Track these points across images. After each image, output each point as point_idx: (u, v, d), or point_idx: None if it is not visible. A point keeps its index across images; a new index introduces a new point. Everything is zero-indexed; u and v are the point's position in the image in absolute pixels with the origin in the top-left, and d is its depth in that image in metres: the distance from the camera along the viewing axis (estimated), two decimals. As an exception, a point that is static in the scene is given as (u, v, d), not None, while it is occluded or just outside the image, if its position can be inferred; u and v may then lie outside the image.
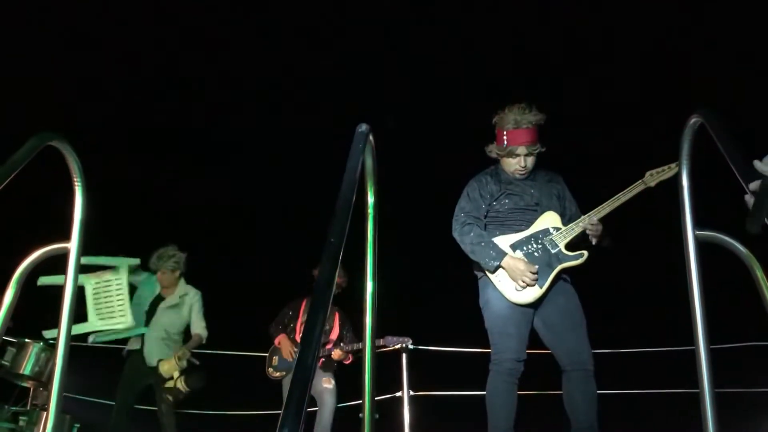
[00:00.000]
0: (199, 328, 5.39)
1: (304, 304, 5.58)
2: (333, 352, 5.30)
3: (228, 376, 7.58)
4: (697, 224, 2.27)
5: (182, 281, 5.47)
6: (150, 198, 9.66)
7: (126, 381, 5.28)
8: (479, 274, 3.79)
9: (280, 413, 1.11)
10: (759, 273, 2.25)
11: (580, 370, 3.47)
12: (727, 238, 2.22)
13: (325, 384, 5.30)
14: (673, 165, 3.51)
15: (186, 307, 5.38)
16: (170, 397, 5.03)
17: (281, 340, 5.45)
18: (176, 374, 5.05)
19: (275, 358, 5.51)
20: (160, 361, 5.13)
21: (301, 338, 1.15)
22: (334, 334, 5.46)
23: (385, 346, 5.31)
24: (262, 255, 9.81)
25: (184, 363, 5.11)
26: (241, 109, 10.17)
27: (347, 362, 5.42)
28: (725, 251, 2.32)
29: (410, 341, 5.25)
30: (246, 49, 9.68)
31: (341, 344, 5.39)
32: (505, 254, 3.60)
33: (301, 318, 5.51)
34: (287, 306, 5.65)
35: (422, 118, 9.92)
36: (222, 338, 7.39)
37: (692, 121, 2.14)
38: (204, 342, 5.43)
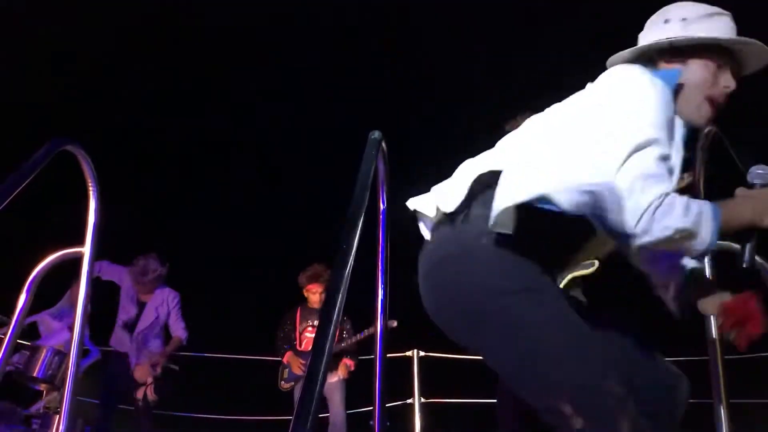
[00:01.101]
0: (179, 330, 5.36)
1: (299, 312, 5.57)
2: (339, 369, 5.29)
3: (236, 380, 7.60)
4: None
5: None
6: (151, 202, 9.70)
7: (110, 379, 5.25)
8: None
9: (291, 419, 1.11)
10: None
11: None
12: (735, 245, 2.20)
13: (330, 378, 5.25)
14: (685, 175, 3.47)
15: (164, 309, 5.36)
16: (141, 402, 5.04)
17: (289, 358, 5.45)
18: (149, 380, 5.06)
19: (285, 371, 5.51)
20: (135, 365, 5.13)
21: (313, 345, 1.16)
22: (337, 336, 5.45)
23: (371, 335, 5.22)
24: (267, 259, 9.81)
25: (158, 370, 5.10)
26: (248, 114, 10.19)
27: (351, 369, 5.39)
28: (735, 258, 2.30)
29: (395, 323, 5.14)
30: (255, 52, 9.72)
31: (343, 344, 5.35)
32: None
33: (299, 327, 5.50)
34: (285, 317, 5.63)
35: (433, 123, 9.92)
36: (232, 342, 7.41)
37: (707, 129, 2.13)
38: (184, 344, 5.40)
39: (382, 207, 2.15)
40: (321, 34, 9.87)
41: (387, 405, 2.07)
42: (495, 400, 3.62)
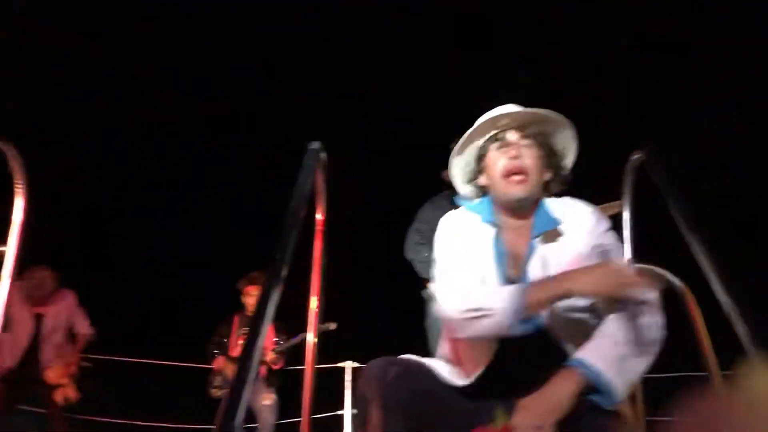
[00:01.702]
0: (83, 327, 5.25)
1: (236, 320, 5.51)
2: (267, 356, 5.22)
3: (165, 386, 7.44)
4: (637, 256, 2.34)
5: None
6: (88, 207, 9.46)
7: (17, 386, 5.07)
8: (427, 295, 3.80)
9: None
10: (692, 305, 2.33)
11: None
12: (662, 271, 2.29)
13: (265, 401, 5.22)
14: (616, 203, 3.58)
15: (64, 312, 5.23)
16: (58, 403, 4.90)
17: (222, 364, 5.37)
18: (65, 381, 4.94)
19: (217, 378, 5.42)
20: (46, 368, 4.98)
21: (241, 350, 1.16)
22: (269, 341, 5.39)
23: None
24: (206, 267, 9.67)
25: (73, 369, 4.98)
26: (185, 119, 10.05)
27: (276, 367, 5.32)
28: (661, 282, 2.40)
29: (334, 325, 5.13)
30: (200, 56, 9.62)
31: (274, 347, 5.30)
32: None
33: (235, 334, 5.44)
34: (221, 324, 5.56)
35: (377, 137, 9.98)
36: (165, 349, 7.25)
37: (635, 157, 2.21)
38: (92, 339, 5.28)
39: (319, 218, 2.16)
40: (270, 43, 9.83)
41: (318, 416, 2.07)
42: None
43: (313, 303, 2.09)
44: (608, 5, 8.66)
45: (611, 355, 1.48)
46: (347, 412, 5.62)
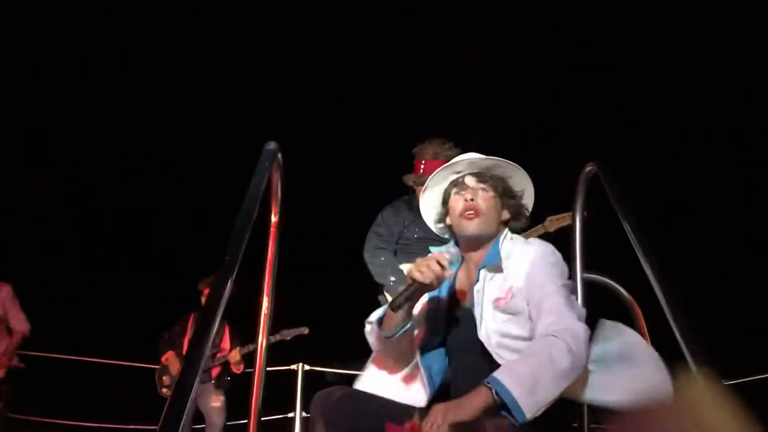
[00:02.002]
0: (18, 323, 5.04)
1: (192, 318, 5.42)
2: (230, 355, 5.15)
3: (115, 386, 7.32)
4: (587, 267, 2.38)
5: None
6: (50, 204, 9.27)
7: None
8: (382, 299, 3.81)
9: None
10: (639, 316, 2.39)
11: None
12: (610, 282, 2.34)
13: (214, 403, 5.15)
14: (566, 215, 3.64)
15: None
16: None
17: (169, 357, 5.26)
18: None
19: (165, 378, 5.32)
20: None
21: (187, 351, 1.15)
22: (226, 344, 5.32)
23: (283, 340, 5.13)
24: (159, 268, 9.54)
25: (2, 374, 4.77)
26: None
27: (238, 371, 5.26)
28: (609, 292, 2.45)
29: (306, 330, 5.10)
30: (161, 53, 9.50)
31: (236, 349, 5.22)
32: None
33: (189, 333, 5.33)
34: (176, 321, 5.47)
35: (335, 142, 9.98)
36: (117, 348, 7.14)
37: (587, 169, 2.24)
38: (28, 336, 5.07)
39: (273, 219, 2.14)
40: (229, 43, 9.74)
41: (269, 418, 2.06)
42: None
43: (265, 305, 2.07)
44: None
45: (524, 375, 1.55)
46: (298, 414, 5.58)
